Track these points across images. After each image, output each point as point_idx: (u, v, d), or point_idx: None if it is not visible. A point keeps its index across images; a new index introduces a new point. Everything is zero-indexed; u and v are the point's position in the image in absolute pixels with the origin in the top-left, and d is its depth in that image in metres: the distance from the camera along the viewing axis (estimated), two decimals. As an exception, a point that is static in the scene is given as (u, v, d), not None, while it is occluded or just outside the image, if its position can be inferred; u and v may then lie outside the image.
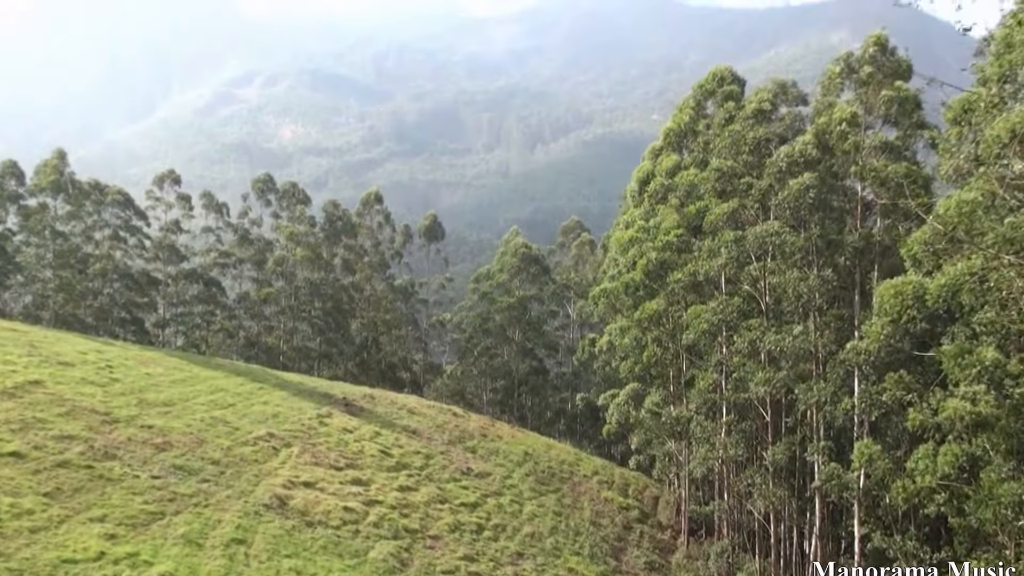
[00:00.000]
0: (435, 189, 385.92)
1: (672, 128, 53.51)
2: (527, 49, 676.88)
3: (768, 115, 46.55)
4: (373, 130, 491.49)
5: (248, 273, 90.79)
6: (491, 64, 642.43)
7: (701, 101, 52.50)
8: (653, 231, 50.59)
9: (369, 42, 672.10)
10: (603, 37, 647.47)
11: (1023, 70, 28.79)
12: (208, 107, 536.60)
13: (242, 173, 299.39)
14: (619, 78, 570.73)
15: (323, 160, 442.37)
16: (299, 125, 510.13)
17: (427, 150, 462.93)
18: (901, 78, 40.58)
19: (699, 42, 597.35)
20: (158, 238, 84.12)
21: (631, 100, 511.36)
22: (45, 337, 48.16)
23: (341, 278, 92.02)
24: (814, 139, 41.57)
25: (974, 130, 29.55)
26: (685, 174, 49.67)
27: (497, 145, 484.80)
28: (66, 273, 76.28)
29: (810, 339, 39.94)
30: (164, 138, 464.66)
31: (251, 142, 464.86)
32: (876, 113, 40.99)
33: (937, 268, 29.92)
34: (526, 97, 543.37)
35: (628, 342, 54.76)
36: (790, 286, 40.46)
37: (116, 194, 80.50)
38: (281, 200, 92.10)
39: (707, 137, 50.25)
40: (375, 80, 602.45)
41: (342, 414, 48.47)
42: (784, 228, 41.17)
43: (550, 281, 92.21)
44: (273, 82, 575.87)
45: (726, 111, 48.41)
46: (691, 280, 47.72)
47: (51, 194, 76.99)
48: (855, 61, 42.52)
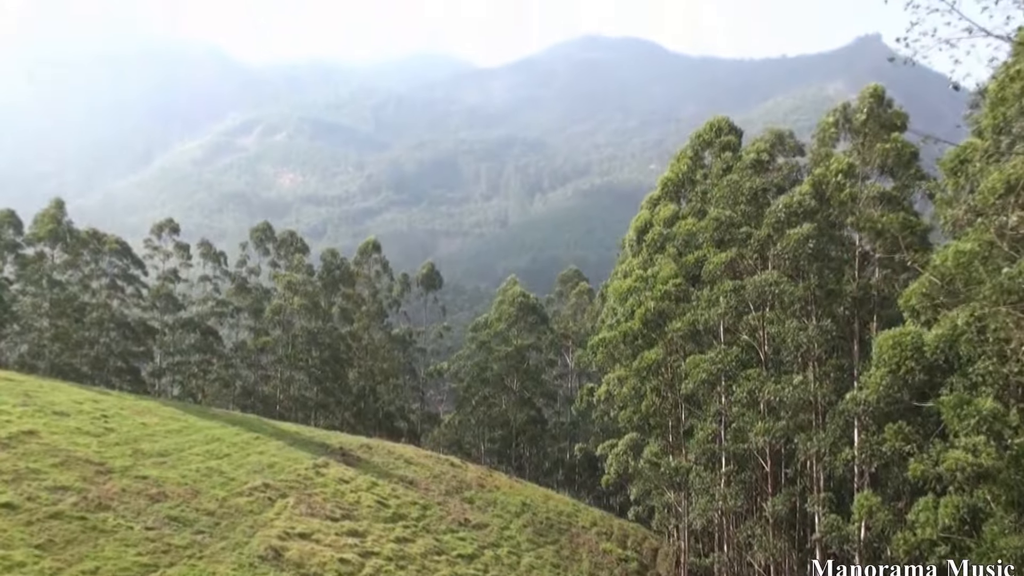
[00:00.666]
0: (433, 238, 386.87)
1: (670, 178, 53.69)
2: (525, 99, 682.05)
3: (765, 165, 46.77)
4: (372, 179, 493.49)
5: (245, 322, 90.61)
6: (489, 114, 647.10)
7: (699, 151, 52.73)
8: (651, 280, 50.57)
9: (368, 92, 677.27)
10: (601, 88, 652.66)
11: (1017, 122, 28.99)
12: (207, 157, 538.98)
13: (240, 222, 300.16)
14: (617, 128, 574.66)
15: (322, 209, 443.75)
16: (298, 174, 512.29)
17: (425, 199, 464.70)
18: (898, 129, 40.85)
19: (696, 93, 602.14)
20: (155, 287, 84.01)
21: (629, 150, 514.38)
22: (40, 387, 47.90)
23: (339, 327, 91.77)
24: (812, 189, 41.70)
25: (971, 181, 29.68)
26: (683, 223, 49.74)
27: (495, 194, 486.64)
28: (63, 322, 76.10)
29: (809, 389, 39.76)
30: (163, 187, 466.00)
31: (250, 191, 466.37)
32: (873, 164, 41.21)
33: (935, 319, 29.88)
34: (524, 147, 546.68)
35: (627, 392, 54.48)
36: (789, 336, 40.36)
37: (114, 243, 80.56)
38: (279, 249, 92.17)
39: (705, 187, 50.41)
40: (374, 129, 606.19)
41: (338, 464, 48.07)
42: (783, 278, 41.17)
43: (548, 330, 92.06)
44: (272, 131, 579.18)
45: (724, 161, 48.62)
46: (690, 329, 47.61)
47: (49, 243, 77.02)
48: (851, 112, 42.82)
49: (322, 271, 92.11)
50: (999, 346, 26.79)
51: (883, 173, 42.18)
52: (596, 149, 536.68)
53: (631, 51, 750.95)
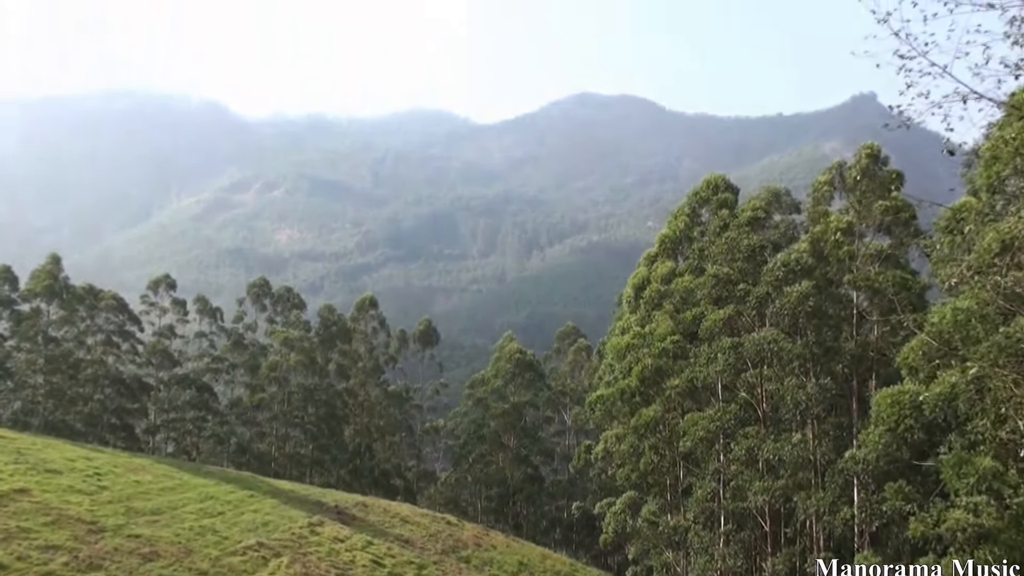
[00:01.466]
0: (430, 294, 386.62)
1: (667, 235, 53.92)
2: (523, 157, 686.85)
3: (762, 222, 47.01)
4: (369, 235, 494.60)
5: (241, 378, 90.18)
6: (487, 171, 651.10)
7: (696, 208, 53.01)
8: (649, 337, 50.52)
9: (367, 149, 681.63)
10: (598, 145, 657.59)
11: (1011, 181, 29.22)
12: (205, 213, 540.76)
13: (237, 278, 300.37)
14: (614, 185, 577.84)
15: (319, 265, 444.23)
16: (295, 230, 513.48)
17: (423, 255, 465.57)
18: (894, 188, 41.11)
19: (693, 150, 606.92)
20: (151, 343, 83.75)
21: (626, 207, 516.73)
22: (33, 444, 47.50)
23: (335, 383, 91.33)
24: (809, 247, 41.89)
25: (967, 240, 29.81)
26: (681, 280, 49.84)
27: (493, 251, 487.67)
28: (57, 379, 75.75)
29: (808, 447, 39.57)
30: (160, 243, 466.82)
31: (247, 247, 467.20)
32: (870, 222, 41.42)
33: (933, 377, 29.83)
34: (522, 204, 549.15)
35: (625, 449, 54.14)
36: (788, 394, 40.24)
37: (110, 299, 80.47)
38: (276, 305, 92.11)
39: (702, 244, 50.58)
40: (372, 186, 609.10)
41: (334, 523, 47.53)
42: (781, 336, 41.16)
43: (545, 387, 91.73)
44: (270, 188, 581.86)
45: (720, 219, 48.85)
46: (688, 387, 47.48)
47: (45, 299, 76.88)
48: (846, 170, 43.15)
49: (319, 327, 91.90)
50: (997, 405, 26.69)
51: (880, 231, 42.38)
52: (593, 206, 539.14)
53: (627, 109, 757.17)
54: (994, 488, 27.35)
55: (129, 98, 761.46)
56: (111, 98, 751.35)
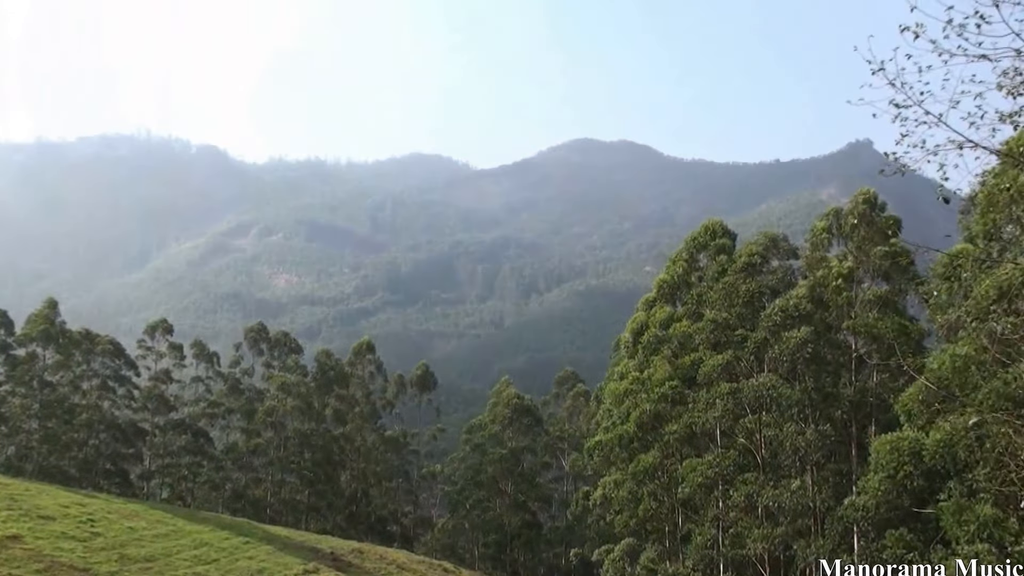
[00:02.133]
0: (428, 339, 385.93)
1: (665, 280, 54.00)
2: (521, 202, 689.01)
3: (760, 268, 47.13)
4: (367, 280, 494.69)
5: (237, 423, 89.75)
6: (486, 216, 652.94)
7: (694, 254, 53.15)
8: (647, 382, 50.40)
9: (365, 194, 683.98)
10: (596, 191, 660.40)
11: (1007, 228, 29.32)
12: (203, 257, 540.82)
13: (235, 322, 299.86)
14: (612, 231, 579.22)
15: (317, 309, 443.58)
16: (293, 275, 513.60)
17: (421, 300, 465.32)
18: (891, 234, 41.24)
19: (691, 196, 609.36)
20: (147, 388, 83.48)
21: (624, 252, 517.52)
22: (27, 490, 47.18)
23: (332, 428, 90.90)
24: (808, 293, 41.94)
25: (964, 286, 29.86)
26: (679, 326, 49.84)
27: (491, 296, 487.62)
28: (52, 424, 75.36)
29: (808, 494, 39.32)
30: (157, 288, 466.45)
31: (245, 292, 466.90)
32: (868, 268, 41.52)
33: (932, 423, 29.73)
34: (520, 248, 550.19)
35: (623, 495, 53.76)
36: (787, 440, 40.08)
37: (106, 343, 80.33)
38: (273, 349, 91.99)
39: (700, 289, 50.65)
40: (370, 231, 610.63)
41: (329, 570, 47.06)
42: (779, 381, 41.08)
43: (543, 432, 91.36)
44: (269, 232, 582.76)
45: (718, 264, 48.98)
46: (686, 432, 47.27)
47: (40, 344, 76.73)
48: (843, 216, 43.32)
49: (316, 372, 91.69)
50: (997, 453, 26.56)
51: (877, 276, 42.46)
52: (591, 251, 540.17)
53: (625, 154, 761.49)
54: (995, 536, 27.13)
55: (128, 144, 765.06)
56: (110, 144, 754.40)
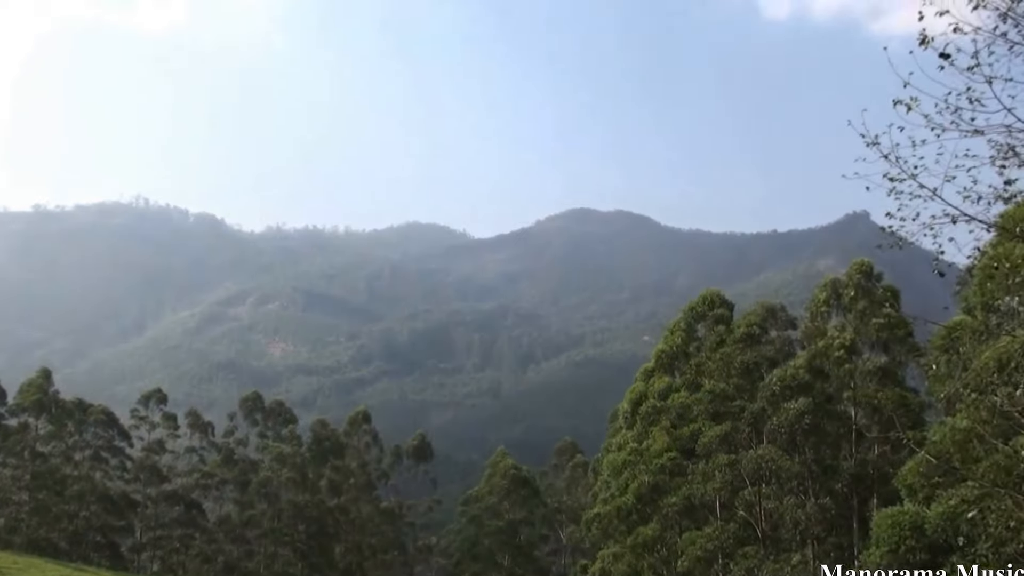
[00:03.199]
0: (425, 409, 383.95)
1: (664, 350, 53.83)
2: (519, 271, 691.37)
3: (758, 338, 47.05)
4: (364, 349, 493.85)
5: (231, 494, 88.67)
6: (483, 285, 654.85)
7: (692, 324, 53.09)
8: (646, 454, 49.95)
9: (363, 263, 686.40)
10: (594, 261, 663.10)
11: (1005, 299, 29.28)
12: (199, 326, 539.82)
13: (230, 392, 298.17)
14: (610, 300, 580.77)
15: (313, 379, 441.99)
16: (290, 344, 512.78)
17: (418, 370, 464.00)
18: (888, 304, 41.23)
19: (688, 266, 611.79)
20: (140, 458, 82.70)
21: (622, 322, 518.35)
22: (15, 563, 46.43)
23: (327, 500, 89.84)
24: (806, 363, 41.81)
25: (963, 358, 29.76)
26: (677, 396, 49.58)
27: (488, 365, 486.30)
28: (43, 495, 74.46)
29: (809, 568, 38.69)
30: (153, 357, 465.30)
31: (241, 361, 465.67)
32: (867, 338, 41.43)
33: (932, 497, 29.39)
34: (517, 318, 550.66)
35: (622, 569, 52.87)
36: (787, 513, 39.58)
37: (99, 413, 79.83)
38: (268, 419, 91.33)
39: (699, 359, 50.47)
40: (367, 300, 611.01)
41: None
42: (779, 453, 40.69)
43: (541, 504, 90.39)
44: (265, 301, 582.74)
45: (717, 334, 48.92)
46: (685, 505, 46.69)
47: (33, 413, 76.17)
48: (840, 287, 43.35)
49: (311, 442, 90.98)
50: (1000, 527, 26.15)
51: (876, 347, 42.36)
52: (589, 321, 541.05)
53: (623, 224, 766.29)
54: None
55: (126, 213, 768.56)
56: (108, 212, 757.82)
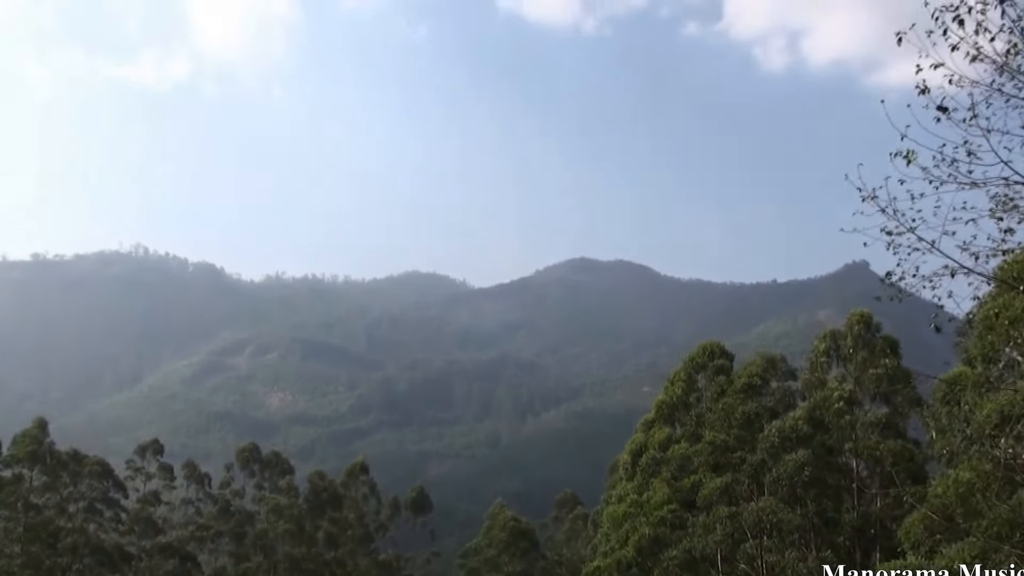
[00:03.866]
0: (423, 459, 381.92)
1: (664, 401, 53.59)
2: (518, 321, 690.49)
3: (759, 389, 46.85)
4: (362, 399, 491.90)
5: (226, 547, 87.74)
6: (483, 335, 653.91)
7: (692, 374, 52.91)
8: (646, 506, 49.43)
9: (362, 312, 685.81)
10: (594, 311, 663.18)
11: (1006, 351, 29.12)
12: (197, 376, 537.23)
13: (227, 442, 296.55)
14: (610, 350, 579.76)
15: (310, 429, 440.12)
16: (288, 394, 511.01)
17: (416, 420, 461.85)
18: (888, 355, 41.10)
19: (688, 316, 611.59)
20: (135, 510, 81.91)
21: (621, 372, 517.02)
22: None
23: (324, 553, 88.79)
24: (806, 414, 41.55)
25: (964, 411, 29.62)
26: (677, 447, 49.21)
27: (487, 416, 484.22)
28: (35, 548, 73.48)
29: (812, 623, 38.03)
30: (150, 407, 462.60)
31: (238, 411, 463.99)
32: (867, 389, 41.22)
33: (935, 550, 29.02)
34: (517, 368, 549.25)
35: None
36: (789, 567, 39.04)
37: (94, 465, 79.14)
38: (265, 470, 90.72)
39: (699, 410, 50.25)
40: (367, 349, 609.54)
41: None
42: (780, 506, 40.25)
43: (541, 557, 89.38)
44: (264, 351, 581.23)
45: (717, 385, 48.76)
46: (686, 558, 46.03)
47: (27, 465, 75.43)
48: (840, 338, 43.23)
49: (308, 494, 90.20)
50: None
51: (877, 399, 42.15)
52: (589, 371, 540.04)
53: (623, 274, 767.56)
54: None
55: (125, 262, 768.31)
56: (107, 261, 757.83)
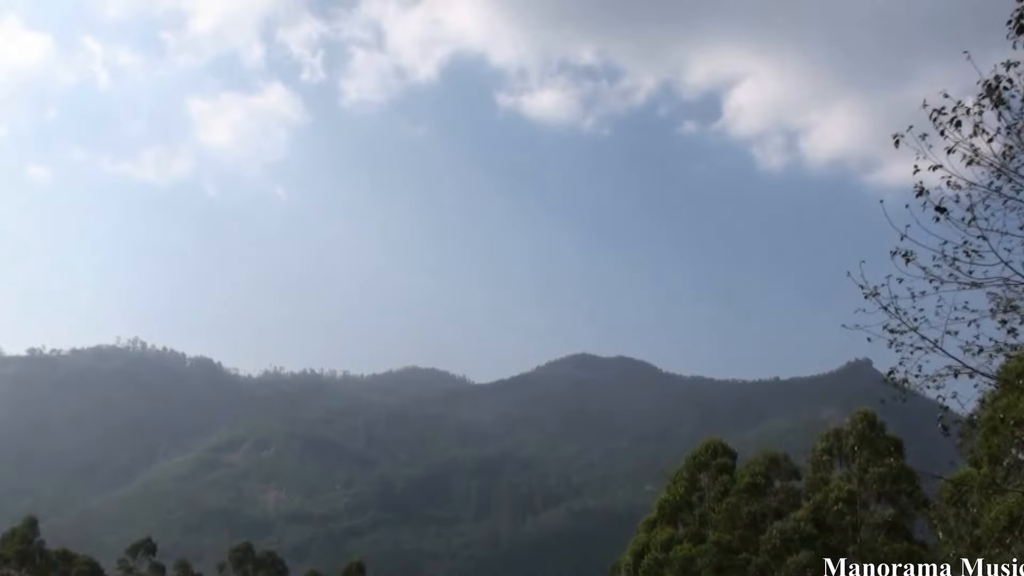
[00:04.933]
0: (420, 559, 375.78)
1: (667, 500, 52.88)
2: (518, 417, 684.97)
3: (762, 489, 46.21)
4: (359, 497, 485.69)
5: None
6: (482, 431, 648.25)
7: (695, 473, 52.32)
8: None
9: (361, 407, 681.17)
10: (594, 407, 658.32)
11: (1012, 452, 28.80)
12: (192, 473, 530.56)
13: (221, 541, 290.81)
14: (610, 448, 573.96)
15: (306, 528, 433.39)
16: (284, 491, 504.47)
17: (414, 518, 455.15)
18: (892, 454, 40.64)
19: (691, 413, 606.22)
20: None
21: (623, 470, 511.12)
22: None
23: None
24: (809, 515, 40.87)
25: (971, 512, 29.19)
26: (680, 548, 48.27)
27: (486, 513, 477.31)
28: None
29: None
30: (144, 504, 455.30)
31: (233, 508, 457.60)
32: (871, 490, 40.60)
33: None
34: (516, 465, 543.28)
35: None
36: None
37: (83, 564, 77.84)
38: (258, 571, 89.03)
39: (702, 510, 49.48)
40: (364, 445, 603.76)
41: None
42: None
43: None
44: (261, 447, 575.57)
45: (721, 484, 48.13)
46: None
47: (16, 564, 74.06)
48: (843, 436, 42.78)
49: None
50: None
51: (882, 499, 41.48)
52: (589, 468, 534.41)
53: (624, 370, 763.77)
54: None
55: (122, 356, 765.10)
56: (104, 356, 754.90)
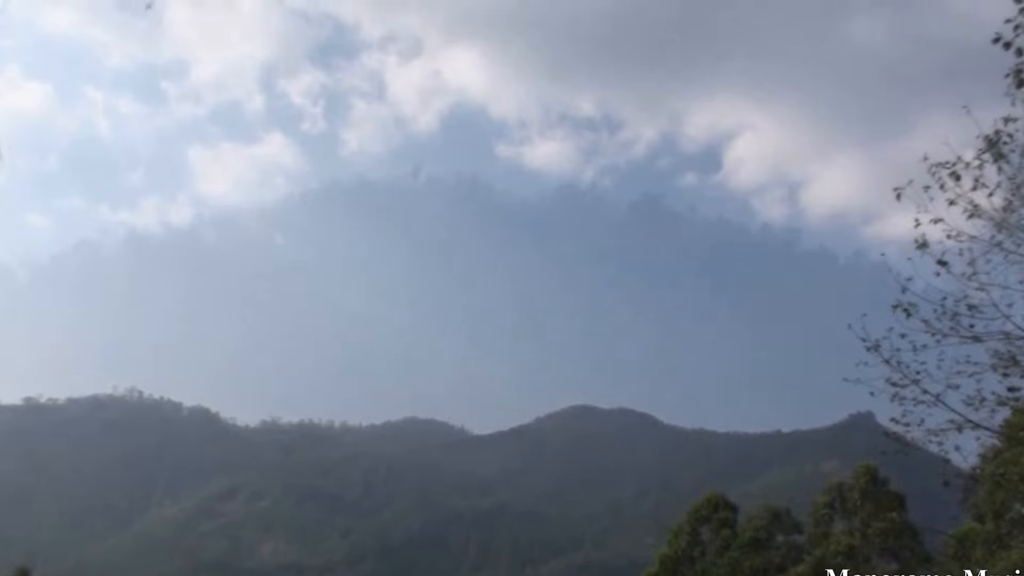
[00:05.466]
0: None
1: (668, 554, 52.38)
2: (518, 468, 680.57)
3: (764, 543, 46.01)
4: (357, 547, 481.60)
5: None
6: (481, 482, 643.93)
7: (696, 527, 51.95)
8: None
9: (359, 458, 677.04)
10: (595, 458, 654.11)
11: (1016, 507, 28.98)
12: (188, 522, 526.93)
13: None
14: (611, 499, 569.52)
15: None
16: (280, 541, 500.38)
17: (412, 569, 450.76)
18: (895, 508, 40.76)
19: (691, 465, 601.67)
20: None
21: (623, 522, 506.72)
22: None
23: None
24: (811, 570, 40.84)
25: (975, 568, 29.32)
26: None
27: (485, 566, 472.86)
28: None
29: None
30: (139, 554, 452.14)
31: (228, 559, 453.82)
32: (873, 544, 40.70)
33: None
34: (516, 516, 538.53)
35: None
36: None
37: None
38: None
39: (704, 564, 49.02)
40: (362, 496, 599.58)
41: None
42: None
43: None
44: (258, 497, 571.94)
45: (722, 538, 47.74)
46: None
47: (6, 616, 73.68)
48: (845, 490, 42.95)
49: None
50: None
51: (885, 554, 41.56)
52: (589, 520, 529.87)
53: (624, 422, 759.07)
54: None
55: (119, 406, 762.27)
56: (100, 406, 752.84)
